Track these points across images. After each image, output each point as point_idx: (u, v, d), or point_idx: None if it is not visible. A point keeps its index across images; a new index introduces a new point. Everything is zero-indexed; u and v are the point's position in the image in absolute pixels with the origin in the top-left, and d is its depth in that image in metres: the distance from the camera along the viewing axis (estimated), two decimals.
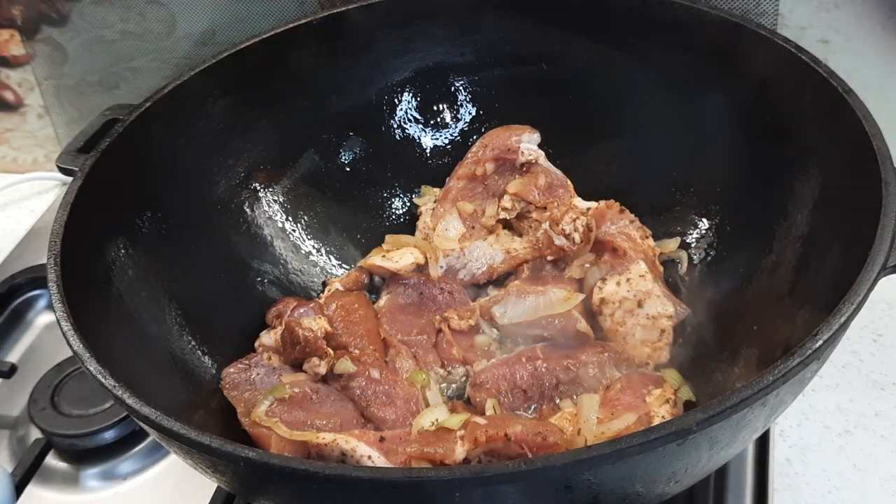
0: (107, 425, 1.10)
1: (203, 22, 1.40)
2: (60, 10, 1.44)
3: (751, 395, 0.69)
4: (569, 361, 1.00)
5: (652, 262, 1.08)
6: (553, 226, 1.09)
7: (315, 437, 0.89)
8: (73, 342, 0.81)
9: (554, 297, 1.05)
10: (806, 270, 0.94)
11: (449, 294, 1.11)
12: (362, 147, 1.26)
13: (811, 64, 0.97)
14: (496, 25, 1.22)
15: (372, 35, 1.21)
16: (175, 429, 0.73)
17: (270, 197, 1.20)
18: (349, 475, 0.69)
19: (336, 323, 1.06)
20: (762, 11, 1.19)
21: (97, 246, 0.97)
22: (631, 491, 0.73)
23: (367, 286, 1.16)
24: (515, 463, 0.67)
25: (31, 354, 1.27)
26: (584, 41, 1.18)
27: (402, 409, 0.98)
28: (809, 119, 0.99)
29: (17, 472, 1.08)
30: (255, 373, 1.01)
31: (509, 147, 1.19)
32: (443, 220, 1.17)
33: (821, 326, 0.72)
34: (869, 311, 1.06)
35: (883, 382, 1.10)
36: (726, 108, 1.09)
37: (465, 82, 1.27)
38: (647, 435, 0.67)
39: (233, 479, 0.77)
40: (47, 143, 1.61)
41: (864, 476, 1.01)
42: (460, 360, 1.05)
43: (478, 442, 0.84)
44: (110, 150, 1.02)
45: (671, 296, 1.06)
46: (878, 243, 0.78)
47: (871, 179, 0.84)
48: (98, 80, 1.50)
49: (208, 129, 1.13)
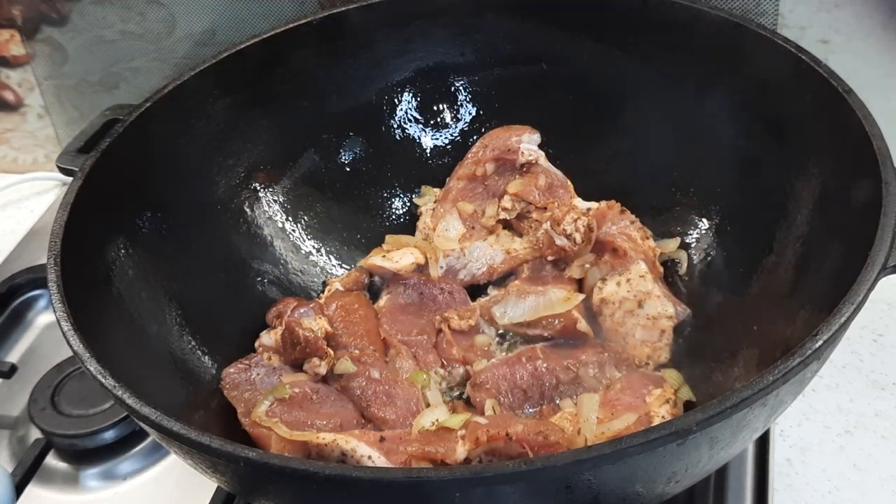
0: (107, 425, 1.10)
1: (203, 22, 1.40)
2: (60, 10, 1.44)
3: (751, 395, 0.69)
4: (569, 361, 1.00)
5: (652, 263, 1.08)
6: (554, 226, 1.09)
7: (315, 438, 0.89)
8: (73, 342, 0.81)
9: (554, 297, 1.05)
10: (806, 270, 0.94)
11: (449, 294, 1.11)
12: (362, 147, 1.26)
13: (811, 64, 0.97)
14: (496, 25, 1.22)
15: (372, 35, 1.21)
16: (175, 429, 0.73)
17: (270, 197, 1.20)
18: (349, 475, 0.69)
19: (336, 323, 1.06)
20: (762, 11, 1.19)
21: (97, 246, 0.97)
22: (631, 491, 0.73)
23: (367, 286, 1.16)
24: (515, 463, 0.67)
25: (31, 354, 1.27)
26: (584, 41, 1.18)
27: (402, 409, 0.98)
28: (809, 119, 0.99)
29: (17, 472, 1.08)
30: (255, 373, 1.01)
31: (509, 147, 1.19)
32: (443, 221, 1.17)
33: (821, 326, 0.72)
34: (869, 311, 1.06)
35: (883, 382, 1.10)
36: (726, 107, 1.09)
37: (465, 82, 1.26)
38: (647, 435, 0.67)
39: (233, 479, 0.77)
40: (47, 143, 1.61)
41: (864, 476, 1.01)
42: (460, 360, 1.05)
43: (479, 441, 0.84)
44: (110, 150, 1.02)
45: (671, 296, 1.06)
46: (878, 243, 0.78)
47: (871, 179, 0.84)
48: (98, 80, 1.50)
49: (208, 129, 1.13)
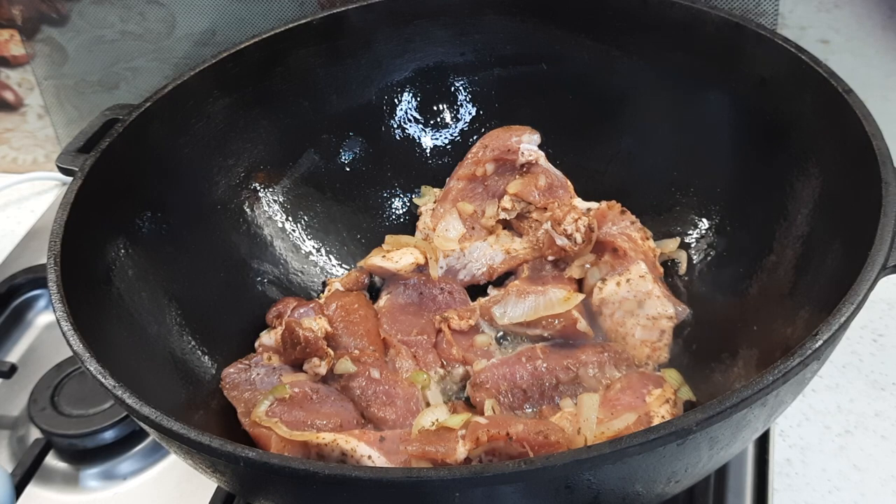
0: (107, 425, 1.10)
1: (203, 22, 1.40)
2: (60, 10, 1.44)
3: (751, 395, 0.69)
4: (569, 361, 1.00)
5: (652, 264, 1.08)
6: (555, 226, 1.09)
7: (315, 438, 0.89)
8: (73, 342, 0.81)
9: (554, 297, 1.05)
10: (806, 270, 0.94)
11: (449, 294, 1.11)
12: (362, 147, 1.26)
13: (811, 64, 0.97)
14: (496, 25, 1.22)
15: (372, 35, 1.21)
16: (175, 429, 0.73)
17: (270, 197, 1.20)
18: (349, 475, 0.69)
19: (336, 323, 1.06)
20: (762, 11, 1.19)
21: (97, 246, 0.97)
22: (631, 491, 0.73)
23: (367, 286, 1.16)
24: (515, 463, 0.67)
25: (31, 354, 1.27)
26: (584, 41, 1.18)
27: (402, 409, 0.98)
28: (809, 119, 0.99)
29: (17, 472, 1.08)
30: (255, 373, 1.01)
31: (509, 148, 1.19)
32: (443, 221, 1.17)
33: (821, 326, 0.72)
34: (869, 311, 1.07)
35: (883, 382, 1.10)
36: (726, 107, 1.09)
37: (465, 82, 1.26)
38: (647, 435, 0.67)
39: (233, 479, 0.77)
40: (47, 143, 1.61)
41: (864, 476, 1.01)
42: (460, 360, 1.05)
43: (479, 441, 0.84)
44: (110, 150, 1.02)
45: (671, 296, 1.06)
46: (878, 243, 0.78)
47: (871, 179, 0.84)
48: (98, 80, 1.50)
49: (208, 129, 1.13)
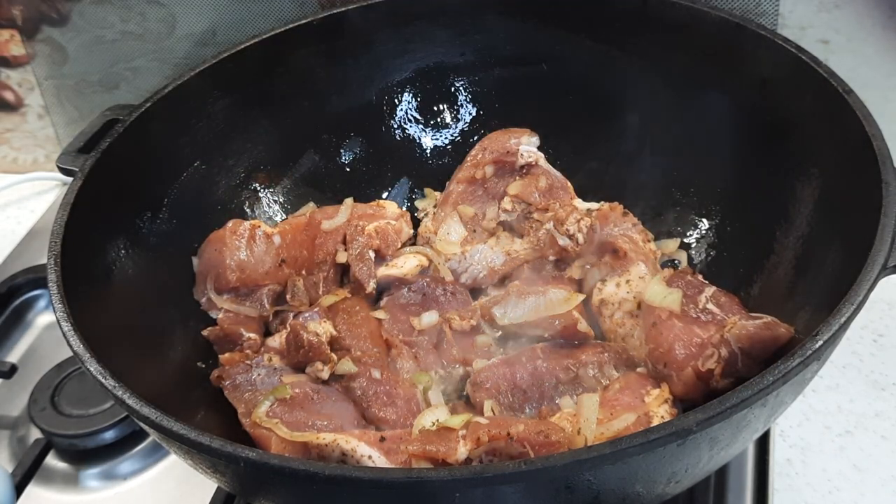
0: (107, 425, 1.10)
1: (203, 22, 1.40)
2: (60, 10, 1.44)
3: (751, 395, 0.69)
4: (569, 361, 1.00)
5: (653, 265, 1.08)
6: (557, 226, 1.09)
7: (315, 438, 0.89)
8: (73, 342, 0.81)
9: (554, 297, 1.05)
10: (806, 271, 0.94)
11: (451, 295, 1.11)
12: (362, 147, 1.26)
13: (811, 64, 0.98)
14: (496, 26, 1.22)
15: (372, 35, 1.21)
16: (175, 429, 0.73)
17: (270, 197, 1.20)
18: (350, 475, 0.69)
19: (339, 326, 1.05)
20: (762, 11, 1.19)
21: (97, 246, 0.97)
22: (631, 491, 0.73)
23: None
24: (516, 463, 0.67)
25: (31, 354, 1.27)
26: (584, 41, 1.18)
27: (402, 409, 0.98)
28: (809, 119, 0.99)
29: (17, 472, 1.08)
30: (256, 373, 1.01)
31: (508, 150, 1.18)
32: (444, 225, 1.17)
33: (821, 326, 0.72)
34: (869, 311, 1.06)
35: (883, 383, 1.10)
36: (726, 108, 1.09)
37: (465, 82, 1.26)
38: (648, 435, 0.67)
39: (233, 479, 0.77)
40: (47, 143, 1.61)
41: (864, 476, 1.01)
42: (460, 360, 1.05)
43: (480, 441, 0.83)
44: (110, 150, 1.02)
45: None
46: (878, 243, 0.78)
47: (871, 179, 0.84)
48: (98, 80, 1.50)
49: (208, 130, 1.13)
